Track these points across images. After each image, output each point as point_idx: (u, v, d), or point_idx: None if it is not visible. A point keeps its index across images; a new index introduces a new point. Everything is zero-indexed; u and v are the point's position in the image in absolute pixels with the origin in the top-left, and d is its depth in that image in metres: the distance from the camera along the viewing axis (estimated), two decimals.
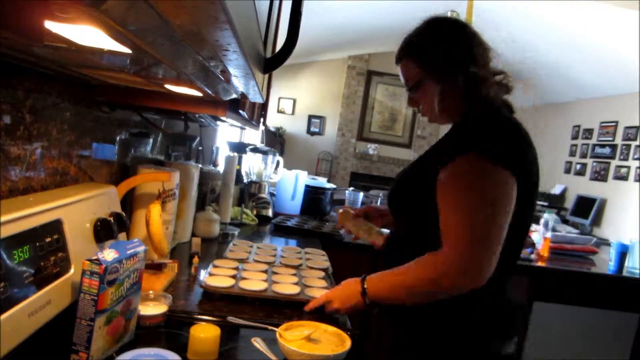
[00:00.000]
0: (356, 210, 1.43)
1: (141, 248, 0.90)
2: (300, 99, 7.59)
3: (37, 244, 0.77)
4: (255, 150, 2.52)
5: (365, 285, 1.06)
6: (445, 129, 1.16)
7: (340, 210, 1.44)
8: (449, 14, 1.08)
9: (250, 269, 1.38)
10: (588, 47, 4.39)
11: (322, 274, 1.44)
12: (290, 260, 1.53)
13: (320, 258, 1.63)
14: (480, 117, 1.03)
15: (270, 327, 1.02)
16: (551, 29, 4.41)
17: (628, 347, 2.28)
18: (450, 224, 0.95)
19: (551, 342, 2.29)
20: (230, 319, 1.04)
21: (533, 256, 2.35)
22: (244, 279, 1.27)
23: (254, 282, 1.23)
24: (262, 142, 4.22)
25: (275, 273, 1.37)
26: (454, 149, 0.98)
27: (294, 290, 1.22)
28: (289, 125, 7.52)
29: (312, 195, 2.64)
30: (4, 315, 0.66)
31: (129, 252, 0.85)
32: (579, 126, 5.80)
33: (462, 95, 1.07)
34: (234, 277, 1.26)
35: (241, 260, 1.47)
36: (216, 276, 1.25)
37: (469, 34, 1.09)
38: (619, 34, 3.85)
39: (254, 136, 4.45)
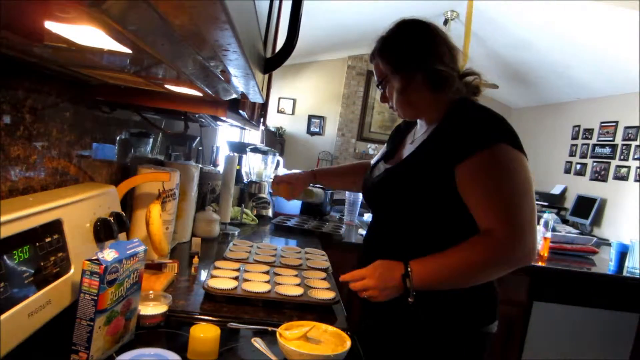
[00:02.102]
0: (289, 179, 1.56)
1: (141, 248, 0.90)
2: (300, 99, 7.58)
3: (37, 244, 0.77)
4: (255, 150, 2.52)
5: (410, 268, 1.02)
6: None
7: (277, 187, 1.56)
8: (448, 14, 1.09)
9: (251, 270, 1.38)
10: (588, 47, 4.39)
11: (324, 274, 1.44)
12: (290, 260, 1.53)
13: (320, 258, 1.63)
14: (476, 110, 1.09)
15: (270, 328, 1.02)
16: (551, 29, 4.41)
17: (628, 347, 2.28)
18: (499, 208, 0.99)
19: (551, 342, 2.29)
20: (231, 325, 1.04)
21: None
22: (246, 280, 1.27)
23: (257, 284, 1.23)
24: (262, 142, 4.22)
25: (278, 274, 1.37)
26: (472, 143, 1.02)
27: (297, 291, 1.22)
28: (289, 125, 7.52)
29: None
30: (4, 315, 0.66)
31: (129, 252, 0.85)
32: (579, 126, 5.80)
33: (430, 91, 1.12)
34: (235, 278, 1.26)
35: (241, 261, 1.47)
36: (218, 278, 1.25)
37: (432, 34, 1.13)
38: (619, 34, 3.84)
39: (254, 136, 4.45)
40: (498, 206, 1.00)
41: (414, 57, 1.12)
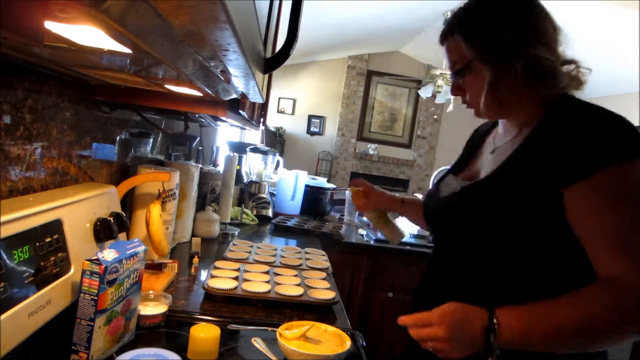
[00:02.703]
0: (369, 190, 1.27)
1: (141, 248, 0.90)
2: (300, 99, 7.58)
3: (37, 244, 0.77)
4: (255, 150, 2.52)
5: (497, 320, 0.75)
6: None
7: (353, 188, 1.30)
8: (449, 15, 0.97)
9: (251, 270, 1.38)
10: (588, 47, 4.39)
11: (324, 274, 1.44)
12: (291, 260, 1.53)
13: (320, 258, 1.63)
14: (594, 111, 0.81)
15: (270, 328, 1.02)
16: None
17: (628, 347, 2.28)
18: (634, 248, 0.73)
19: None
20: (231, 326, 1.03)
21: None
22: (246, 280, 1.27)
23: (257, 284, 1.23)
24: (262, 142, 4.22)
25: (278, 274, 1.37)
26: (595, 157, 0.75)
27: (297, 291, 1.22)
28: (289, 125, 7.52)
29: (312, 195, 2.64)
30: (4, 315, 0.66)
31: (129, 252, 0.85)
32: None
33: (528, 85, 0.85)
34: (235, 278, 1.26)
35: (241, 261, 1.47)
36: (218, 278, 1.25)
37: (537, 7, 0.86)
38: (619, 34, 3.84)
39: (254, 136, 4.45)
40: (633, 245, 0.72)
41: (516, 39, 0.83)
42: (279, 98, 7.48)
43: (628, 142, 0.75)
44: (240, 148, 2.57)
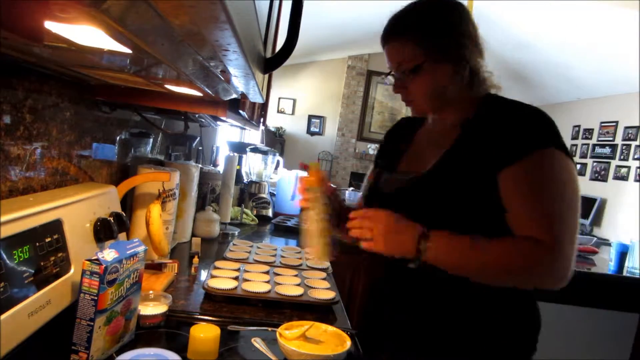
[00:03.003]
0: (326, 185, 1.08)
1: (141, 248, 0.90)
2: (300, 99, 7.58)
3: (37, 244, 0.77)
4: (255, 150, 2.52)
5: (430, 234, 0.88)
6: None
7: (316, 163, 1.11)
8: None
9: (251, 270, 1.38)
10: (588, 47, 4.39)
11: (324, 274, 1.44)
12: (290, 260, 1.53)
13: None
14: (520, 107, 0.94)
15: (270, 328, 1.02)
16: (551, 29, 4.41)
17: (628, 347, 2.28)
18: (546, 218, 0.86)
19: (551, 342, 2.29)
20: (231, 327, 1.03)
21: None
22: (246, 280, 1.27)
23: (257, 284, 1.23)
24: (262, 142, 4.22)
25: (278, 274, 1.37)
26: (522, 145, 0.88)
27: (297, 291, 1.22)
28: (289, 125, 7.52)
29: None
30: (4, 315, 0.66)
31: (129, 252, 0.85)
32: (579, 126, 5.80)
33: (466, 85, 0.97)
34: (235, 278, 1.26)
35: (241, 261, 1.47)
36: (218, 278, 1.25)
37: (471, 20, 0.99)
38: (619, 34, 3.84)
39: (254, 136, 4.45)
40: (545, 216, 0.87)
41: (462, 44, 0.94)
42: (279, 98, 7.48)
43: (547, 134, 0.90)
44: (240, 148, 2.57)
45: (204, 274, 1.39)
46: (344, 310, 1.23)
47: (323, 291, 1.26)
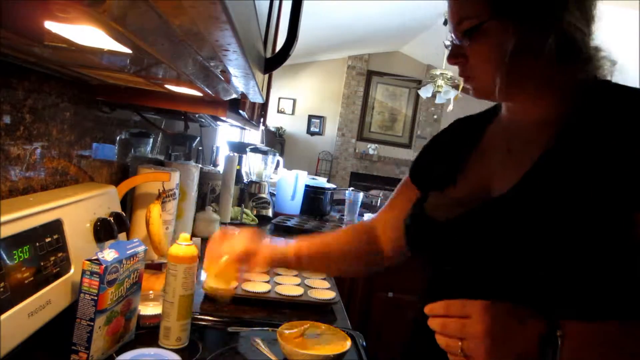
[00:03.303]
0: (254, 250, 0.89)
1: (141, 248, 0.90)
2: (300, 99, 7.59)
3: (37, 244, 0.77)
4: (255, 150, 2.52)
5: (561, 332, 0.55)
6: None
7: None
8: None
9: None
10: None
11: (324, 274, 1.44)
12: None
13: None
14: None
15: (270, 328, 1.02)
16: None
17: None
18: None
19: None
20: (231, 328, 1.03)
21: None
22: (246, 280, 1.27)
23: (257, 284, 1.23)
24: (262, 142, 4.22)
25: (278, 274, 1.37)
26: None
27: (297, 291, 1.22)
28: (289, 125, 7.52)
29: (312, 195, 2.64)
30: (4, 315, 0.66)
31: (129, 252, 0.85)
32: None
33: (554, 62, 0.65)
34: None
35: None
36: None
37: None
38: (619, 34, 3.85)
39: (254, 136, 4.45)
40: None
41: (550, 2, 0.64)
42: (279, 98, 7.48)
43: None
44: (240, 148, 2.57)
45: (203, 274, 1.39)
46: (344, 310, 1.23)
47: (323, 291, 1.26)
